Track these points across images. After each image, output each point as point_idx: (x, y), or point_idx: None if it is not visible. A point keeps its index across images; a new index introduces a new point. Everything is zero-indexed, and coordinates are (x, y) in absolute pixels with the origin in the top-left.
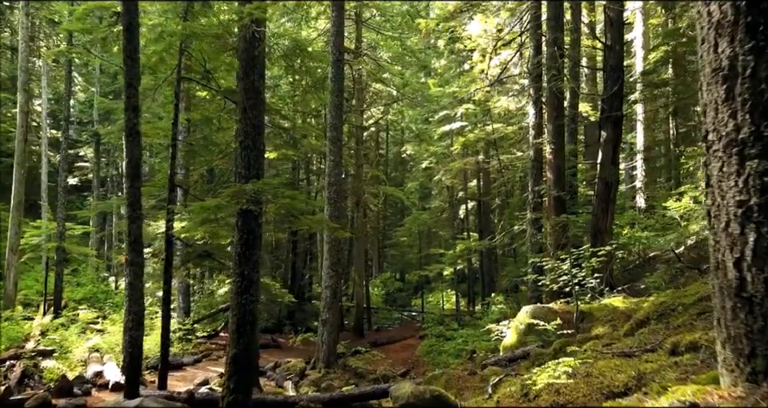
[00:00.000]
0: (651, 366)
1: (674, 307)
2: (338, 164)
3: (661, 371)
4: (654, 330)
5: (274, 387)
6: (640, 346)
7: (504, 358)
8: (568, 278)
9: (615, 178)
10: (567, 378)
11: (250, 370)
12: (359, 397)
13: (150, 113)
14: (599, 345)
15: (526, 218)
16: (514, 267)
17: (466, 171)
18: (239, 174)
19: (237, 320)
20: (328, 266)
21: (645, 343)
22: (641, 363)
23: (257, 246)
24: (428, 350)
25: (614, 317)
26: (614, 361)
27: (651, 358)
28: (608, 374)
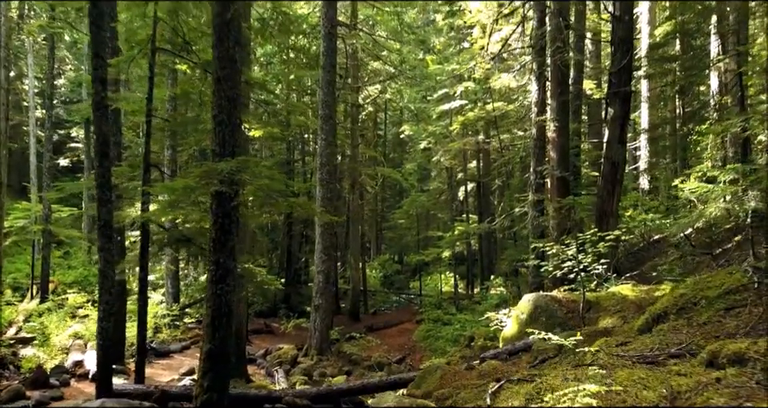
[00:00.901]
0: (685, 381)
1: (696, 300)
2: (331, 143)
3: (700, 390)
4: (675, 328)
5: (264, 376)
6: (662, 347)
7: (504, 351)
8: (572, 264)
9: (622, 157)
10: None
11: (227, 365)
12: (348, 391)
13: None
14: (612, 343)
15: (527, 200)
16: (515, 250)
17: (466, 152)
18: (213, 152)
19: (212, 312)
20: (321, 250)
21: (667, 344)
22: (670, 376)
23: (233, 231)
24: (425, 335)
25: (623, 307)
26: (636, 371)
27: (682, 368)
28: (632, 389)
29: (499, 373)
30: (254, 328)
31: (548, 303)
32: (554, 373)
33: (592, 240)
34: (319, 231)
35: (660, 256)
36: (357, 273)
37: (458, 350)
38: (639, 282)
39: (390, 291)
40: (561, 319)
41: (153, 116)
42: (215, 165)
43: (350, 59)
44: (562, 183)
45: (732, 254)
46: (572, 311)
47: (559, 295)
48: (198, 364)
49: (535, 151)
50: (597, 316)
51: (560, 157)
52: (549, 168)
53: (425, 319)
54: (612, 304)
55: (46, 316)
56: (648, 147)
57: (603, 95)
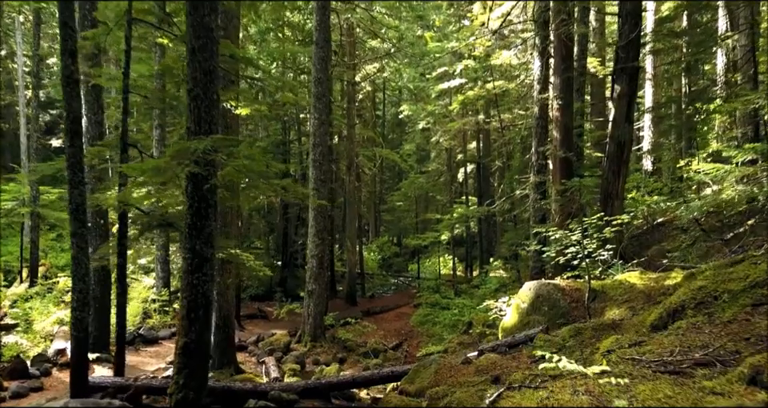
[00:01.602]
0: (724, 403)
1: (717, 294)
2: (324, 123)
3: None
4: (695, 326)
5: (255, 364)
6: (683, 350)
7: (503, 343)
8: (576, 249)
9: (629, 137)
10: None
11: (205, 361)
12: (338, 385)
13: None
14: (624, 342)
15: (528, 182)
16: (515, 234)
17: (466, 132)
18: (188, 130)
19: (188, 304)
20: (314, 233)
21: (689, 347)
22: (704, 395)
23: (211, 216)
24: (422, 320)
25: (631, 296)
26: (660, 385)
27: (717, 385)
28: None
29: (498, 368)
30: (247, 313)
31: (550, 292)
32: (560, 382)
33: (598, 225)
34: (312, 214)
35: (665, 240)
36: (353, 256)
37: (456, 336)
38: (647, 269)
39: (389, 274)
40: (564, 309)
41: (130, 92)
42: (188, 143)
43: (346, 35)
44: (565, 164)
45: (746, 240)
46: (576, 300)
47: (562, 283)
48: (174, 359)
49: (537, 131)
50: (603, 306)
51: (563, 136)
52: (551, 148)
53: (422, 303)
54: (619, 293)
55: (33, 301)
56: (652, 127)
57: (608, 72)
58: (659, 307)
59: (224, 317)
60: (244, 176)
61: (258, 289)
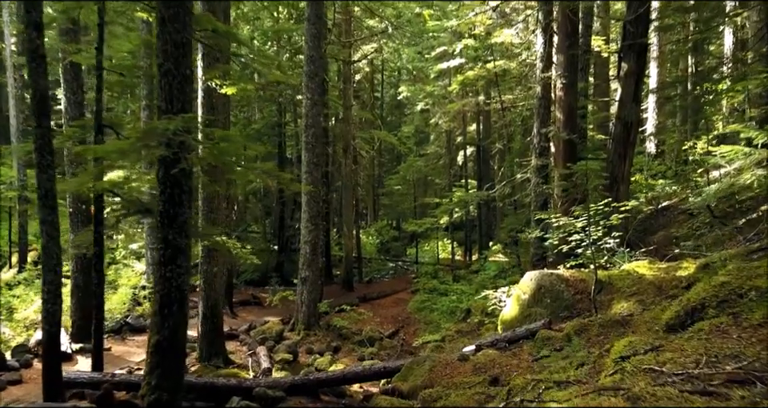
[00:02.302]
0: None
1: (743, 292)
2: (317, 103)
3: None
4: (719, 329)
5: (246, 353)
6: (711, 360)
7: (503, 339)
8: (581, 237)
9: (636, 117)
10: None
11: (180, 360)
12: (327, 381)
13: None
14: (638, 345)
15: (529, 166)
16: (515, 218)
17: (465, 114)
18: (159, 109)
19: (160, 298)
20: (307, 219)
21: (716, 356)
22: None
23: (185, 203)
24: (420, 306)
25: (640, 288)
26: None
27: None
28: None
29: (497, 367)
30: (240, 299)
31: (553, 283)
32: (566, 392)
33: (604, 211)
34: (305, 199)
35: (671, 225)
36: (350, 241)
37: (454, 323)
38: (656, 258)
39: (387, 258)
40: (568, 301)
41: (104, 69)
42: (154, 125)
43: (342, 13)
44: (568, 146)
45: (762, 227)
46: (580, 292)
47: (566, 273)
48: (146, 358)
49: (539, 111)
50: (609, 298)
51: (567, 117)
52: (554, 130)
53: (420, 289)
54: (627, 285)
55: (17, 289)
56: (656, 109)
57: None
58: (675, 304)
59: (211, 306)
60: (220, 159)
61: (254, 274)
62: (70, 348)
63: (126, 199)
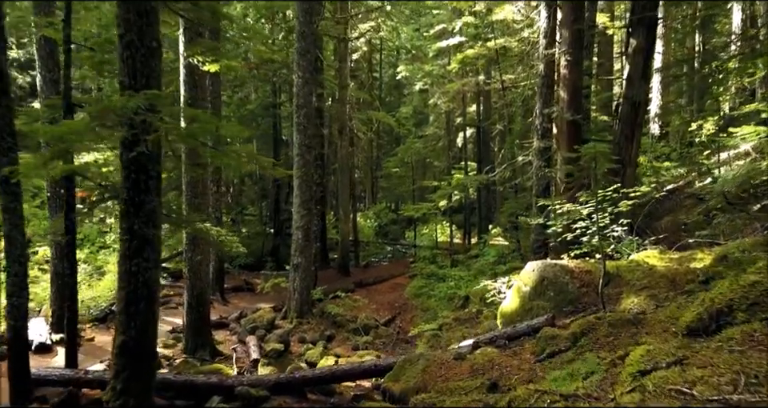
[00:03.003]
0: None
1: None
2: (309, 82)
3: None
4: (755, 339)
5: (235, 343)
6: (751, 382)
7: (502, 335)
8: (586, 224)
9: (644, 96)
10: None
11: (150, 363)
12: (313, 380)
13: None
14: (658, 355)
15: (531, 148)
16: (515, 202)
17: (465, 94)
18: (121, 85)
19: (126, 295)
20: (299, 203)
21: (755, 376)
22: None
23: (153, 190)
24: (417, 292)
25: (652, 281)
26: None
27: None
28: None
29: (496, 368)
30: (233, 285)
31: (557, 274)
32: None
33: (612, 197)
34: (297, 183)
35: (678, 210)
36: (346, 225)
37: (452, 311)
38: (667, 247)
39: (385, 242)
40: (572, 295)
41: (72, 43)
42: (112, 103)
43: None
44: (573, 128)
45: None
46: (586, 285)
47: (570, 264)
48: (111, 360)
49: (542, 90)
50: (618, 292)
51: (571, 97)
52: (558, 110)
53: (418, 274)
54: (637, 277)
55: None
56: (661, 89)
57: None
58: (695, 303)
59: (197, 295)
60: (188, 142)
61: (248, 258)
62: (49, 339)
63: (99, 184)
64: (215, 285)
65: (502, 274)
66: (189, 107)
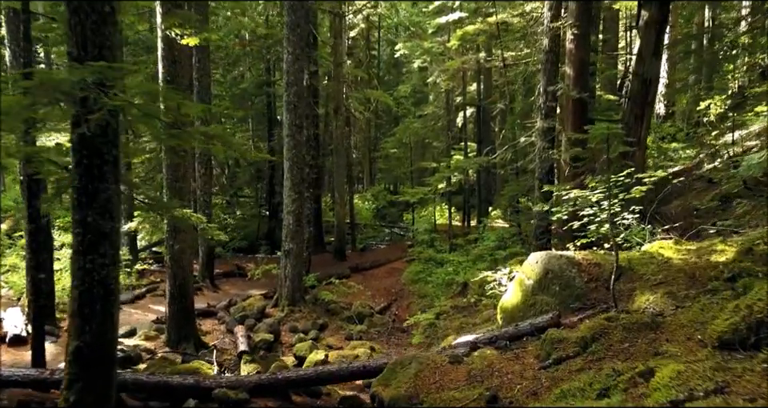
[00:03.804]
0: None
1: None
2: (300, 58)
3: None
4: None
5: (224, 333)
6: None
7: (503, 335)
8: (594, 211)
9: (655, 73)
10: None
11: (108, 370)
12: (297, 382)
13: None
14: (693, 382)
15: (534, 128)
16: (516, 185)
17: (465, 72)
18: (69, 56)
19: (79, 296)
20: (289, 187)
21: None
22: None
23: (109, 177)
24: (414, 277)
25: (668, 276)
26: None
27: None
28: None
29: (496, 375)
30: (224, 271)
31: (563, 267)
32: None
33: (624, 182)
34: (287, 165)
35: (688, 194)
36: (342, 208)
37: (450, 298)
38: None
39: (383, 225)
40: (580, 290)
41: (32, 13)
42: (52, 75)
43: None
44: (579, 106)
45: None
46: (595, 279)
47: (578, 256)
48: (64, 368)
49: (546, 67)
50: (630, 287)
51: (578, 73)
52: (563, 88)
53: (415, 259)
54: (651, 271)
55: None
56: (667, 67)
57: None
58: (728, 309)
59: (179, 285)
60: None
61: (242, 241)
62: (25, 330)
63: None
64: (204, 271)
65: (502, 259)
66: (168, 85)
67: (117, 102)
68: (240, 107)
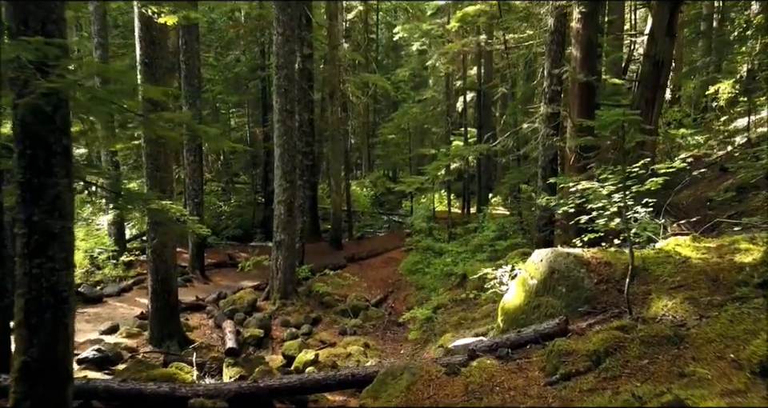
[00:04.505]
0: None
1: None
2: (290, 39)
3: None
4: None
5: (212, 328)
6: None
7: (504, 342)
8: (604, 204)
9: (669, 55)
10: None
11: (60, 384)
12: (281, 390)
13: None
14: None
15: (538, 113)
16: (518, 172)
17: (465, 56)
18: (9, 31)
19: (26, 304)
20: (280, 175)
21: None
22: None
23: (57, 171)
24: (412, 267)
25: (687, 278)
26: None
27: None
28: None
29: (497, 391)
30: (216, 261)
31: (570, 267)
32: None
33: (639, 173)
34: (278, 152)
35: (698, 183)
36: (338, 196)
37: (448, 289)
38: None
39: (381, 212)
40: (589, 292)
41: None
42: None
43: None
44: (586, 91)
45: None
46: (605, 280)
47: (586, 254)
48: (10, 385)
49: (552, 48)
50: (645, 290)
51: (585, 54)
52: (570, 70)
53: (413, 248)
54: (668, 272)
55: None
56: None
57: None
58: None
59: (162, 280)
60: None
61: (236, 229)
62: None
63: None
64: (194, 262)
65: (503, 250)
66: (147, 68)
67: (55, 83)
68: (235, 92)
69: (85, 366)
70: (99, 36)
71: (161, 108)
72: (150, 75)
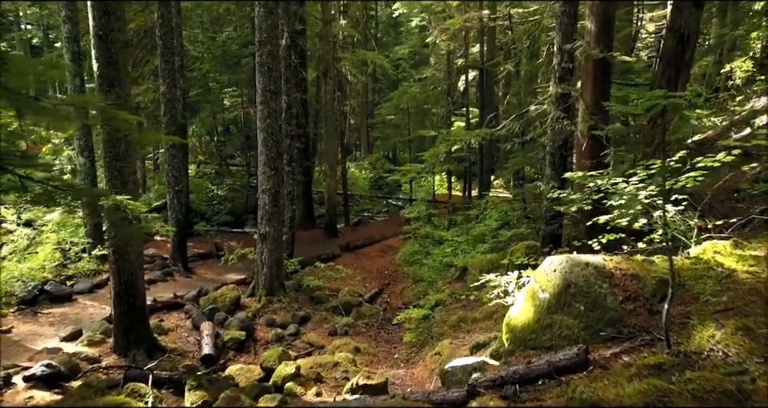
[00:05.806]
0: None
1: None
2: (273, 12)
3: None
4: None
5: (188, 331)
6: None
7: (511, 376)
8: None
9: (695, 28)
10: None
11: None
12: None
13: None
14: None
15: (547, 94)
16: (522, 156)
17: (467, 32)
18: None
19: None
20: (264, 162)
21: None
22: None
23: None
24: (410, 258)
25: (735, 298)
26: None
27: None
28: None
29: None
30: (201, 252)
31: (589, 280)
32: None
33: (674, 167)
34: (261, 136)
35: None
36: (333, 181)
37: (448, 283)
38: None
39: (379, 196)
40: (613, 313)
41: None
42: None
43: None
44: (601, 68)
45: None
46: (633, 298)
47: (609, 265)
48: None
49: (563, 21)
50: (683, 312)
51: (600, 27)
52: (584, 45)
53: (411, 236)
54: (710, 289)
55: None
56: None
57: None
58: None
59: (125, 282)
60: None
61: (227, 215)
62: None
63: None
64: (176, 253)
65: (506, 241)
66: (99, 40)
67: None
68: (227, 70)
69: (32, 384)
70: (67, 8)
71: (119, 88)
72: (104, 50)
